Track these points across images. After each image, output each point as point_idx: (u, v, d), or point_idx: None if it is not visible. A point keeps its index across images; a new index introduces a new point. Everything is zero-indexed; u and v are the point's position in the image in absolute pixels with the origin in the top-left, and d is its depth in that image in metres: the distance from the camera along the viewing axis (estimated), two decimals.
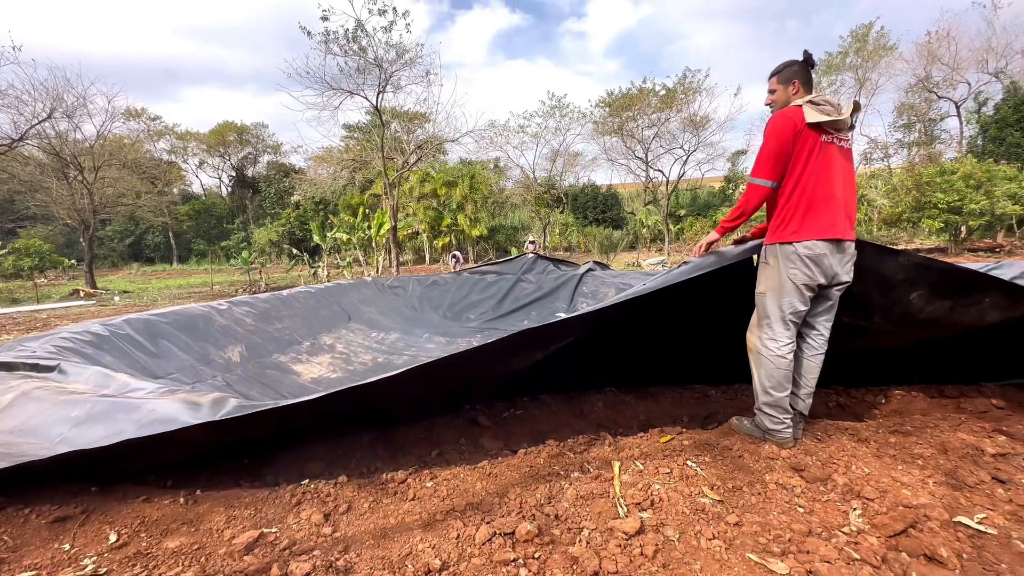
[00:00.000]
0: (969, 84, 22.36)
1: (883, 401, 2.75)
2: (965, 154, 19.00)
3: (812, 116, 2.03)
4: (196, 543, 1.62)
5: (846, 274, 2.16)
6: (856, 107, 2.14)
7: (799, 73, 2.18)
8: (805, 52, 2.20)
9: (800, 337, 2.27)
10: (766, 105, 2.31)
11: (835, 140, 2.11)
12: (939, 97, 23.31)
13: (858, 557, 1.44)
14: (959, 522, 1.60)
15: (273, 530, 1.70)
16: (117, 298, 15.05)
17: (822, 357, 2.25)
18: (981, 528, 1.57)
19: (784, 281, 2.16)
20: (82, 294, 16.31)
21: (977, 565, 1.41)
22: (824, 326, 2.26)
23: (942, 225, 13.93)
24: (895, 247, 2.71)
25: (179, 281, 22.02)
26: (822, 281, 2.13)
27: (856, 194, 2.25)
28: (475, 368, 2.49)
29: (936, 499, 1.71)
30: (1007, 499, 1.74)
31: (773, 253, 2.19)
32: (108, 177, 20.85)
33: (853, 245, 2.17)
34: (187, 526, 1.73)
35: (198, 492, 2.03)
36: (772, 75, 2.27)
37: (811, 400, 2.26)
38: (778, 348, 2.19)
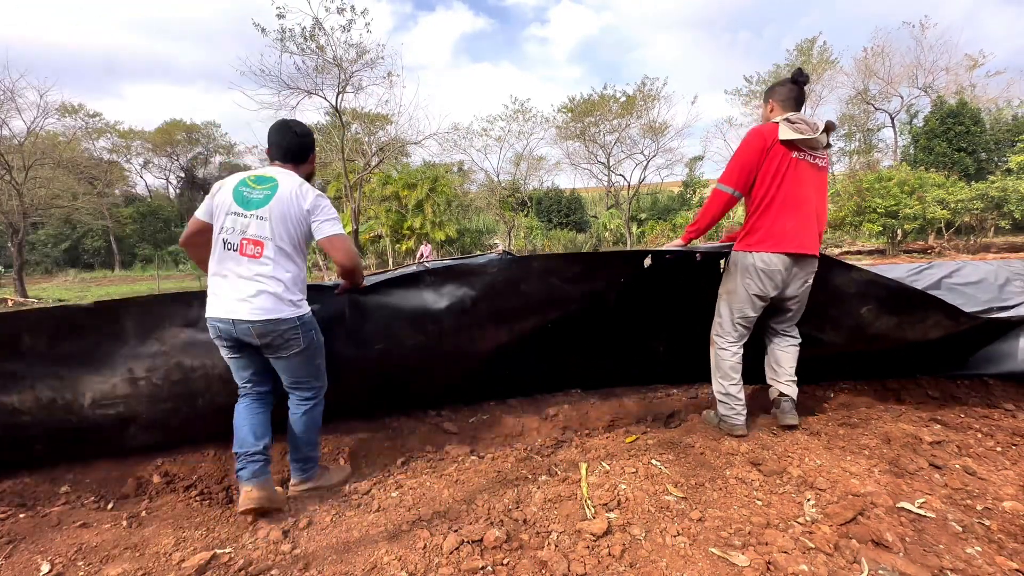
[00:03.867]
0: (902, 97, 24.13)
1: (832, 395, 2.90)
2: (899, 162, 20.44)
3: (785, 133, 2.11)
4: (141, 569, 1.52)
5: (797, 289, 2.25)
6: (829, 127, 2.21)
7: (776, 92, 2.28)
8: (794, 71, 2.28)
9: (773, 333, 2.42)
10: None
11: (808, 157, 2.17)
12: (876, 109, 25.02)
13: (813, 546, 1.50)
14: (902, 507, 1.70)
15: (227, 550, 1.61)
16: None
17: (795, 348, 2.38)
18: (921, 512, 1.67)
19: (738, 287, 2.26)
20: (10, 303, 15.06)
21: (919, 547, 1.50)
22: (790, 330, 2.39)
23: (881, 228, 14.91)
24: (839, 249, 2.84)
25: (122, 288, 20.73)
26: (773, 293, 2.22)
27: (826, 210, 2.33)
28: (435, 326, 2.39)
29: (881, 487, 1.81)
30: (943, 484, 1.87)
31: (734, 260, 2.28)
32: (40, 177, 19.37)
33: (814, 262, 2.25)
34: (131, 551, 1.62)
35: (143, 513, 1.91)
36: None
37: (794, 385, 2.36)
38: (726, 345, 2.34)
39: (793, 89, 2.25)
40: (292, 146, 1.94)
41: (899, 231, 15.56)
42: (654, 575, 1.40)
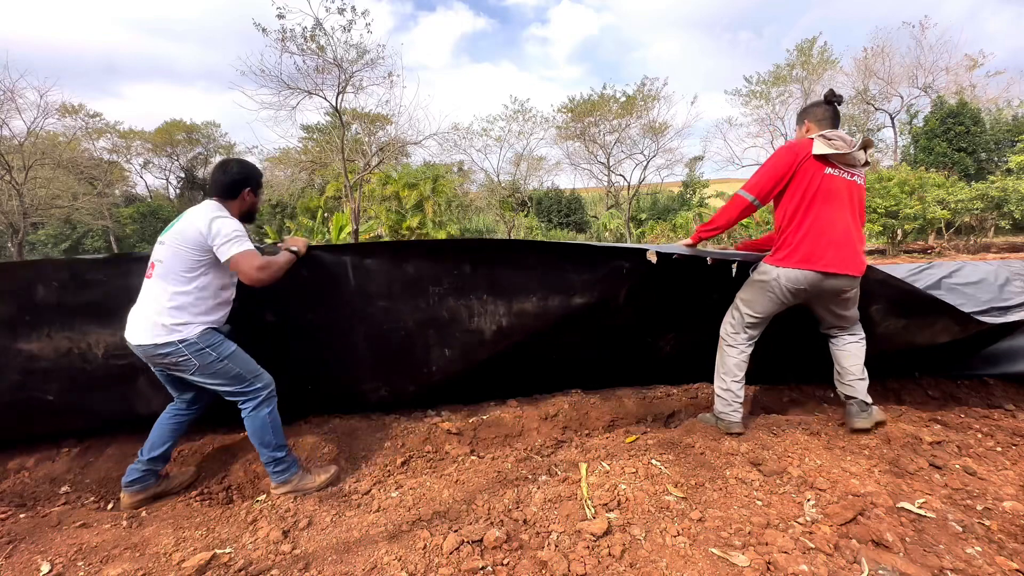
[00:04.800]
0: (902, 97, 24.08)
1: (832, 395, 2.90)
2: (899, 162, 20.43)
3: (819, 148, 2.10)
4: (141, 569, 1.52)
5: (827, 303, 2.24)
6: (867, 143, 2.17)
7: (810, 112, 2.27)
8: (827, 91, 2.26)
9: (829, 336, 2.39)
10: None
11: (844, 174, 2.14)
12: (876, 109, 24.98)
13: (813, 546, 1.50)
14: (902, 507, 1.70)
15: (227, 550, 1.61)
16: None
17: (856, 345, 2.32)
18: (921, 512, 1.67)
19: (758, 297, 2.26)
20: None
21: (919, 547, 1.50)
22: (841, 331, 2.34)
23: (881, 228, 14.90)
24: None
25: None
26: (793, 303, 2.22)
27: (862, 228, 2.25)
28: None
29: (881, 487, 1.81)
30: (943, 484, 1.87)
31: (762, 270, 2.26)
32: (40, 177, 19.37)
33: (849, 280, 2.15)
34: (131, 551, 1.62)
35: (143, 514, 1.91)
36: None
37: (861, 384, 2.30)
38: (735, 343, 2.34)
39: (828, 109, 2.22)
40: (220, 182, 1.98)
41: (899, 231, 15.55)
42: (654, 575, 1.40)
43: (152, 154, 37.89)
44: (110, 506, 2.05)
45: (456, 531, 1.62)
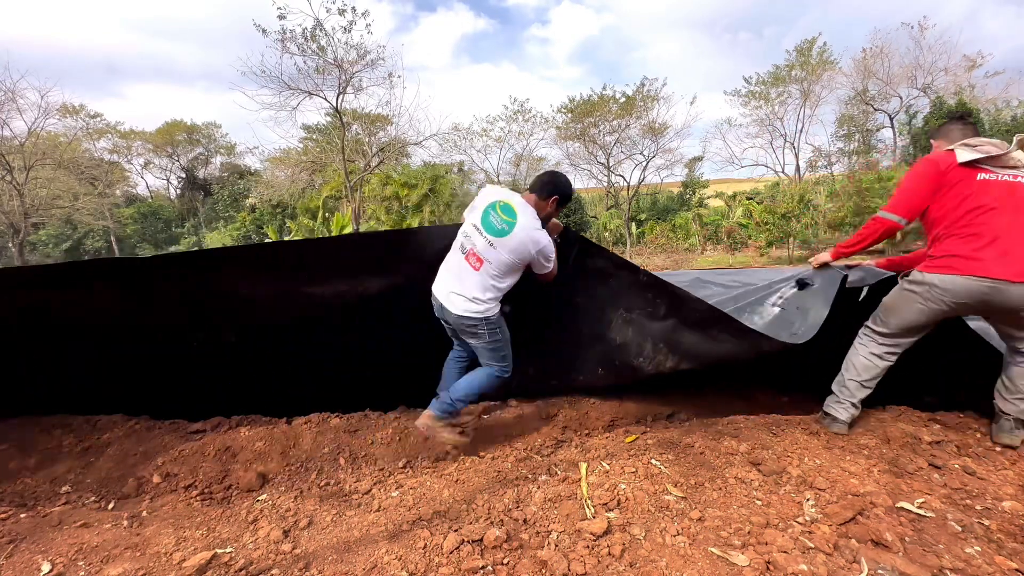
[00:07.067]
0: (901, 98, 24.08)
1: None
2: (899, 163, 20.42)
3: (963, 156, 2.05)
4: (142, 568, 1.52)
5: (1001, 317, 2.10)
6: (1022, 144, 2.07)
7: (943, 132, 2.22)
8: (963, 111, 2.25)
9: (1012, 350, 2.24)
10: None
11: (1003, 176, 2.05)
12: (875, 109, 24.99)
13: (812, 546, 1.50)
14: (901, 507, 1.70)
15: (228, 550, 1.61)
16: None
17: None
18: (921, 512, 1.67)
19: (899, 304, 2.21)
20: None
21: (918, 547, 1.51)
22: None
23: None
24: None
25: None
26: (949, 315, 2.13)
27: None
28: None
29: (880, 486, 1.81)
30: (942, 483, 1.87)
31: (911, 278, 2.20)
32: (41, 177, 19.42)
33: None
34: (132, 551, 1.62)
35: (143, 513, 1.91)
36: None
37: (1016, 404, 2.18)
38: (864, 342, 2.34)
39: (954, 122, 2.17)
40: (543, 181, 2.40)
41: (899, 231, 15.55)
42: (654, 575, 1.40)
43: (153, 154, 37.89)
44: (111, 506, 2.05)
45: (456, 531, 1.62)
